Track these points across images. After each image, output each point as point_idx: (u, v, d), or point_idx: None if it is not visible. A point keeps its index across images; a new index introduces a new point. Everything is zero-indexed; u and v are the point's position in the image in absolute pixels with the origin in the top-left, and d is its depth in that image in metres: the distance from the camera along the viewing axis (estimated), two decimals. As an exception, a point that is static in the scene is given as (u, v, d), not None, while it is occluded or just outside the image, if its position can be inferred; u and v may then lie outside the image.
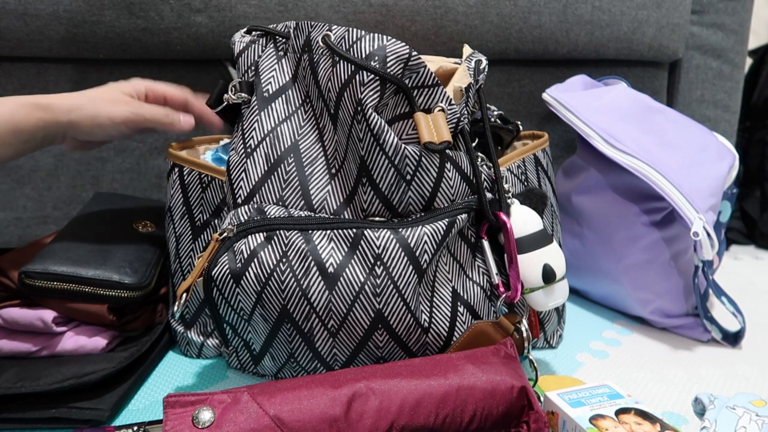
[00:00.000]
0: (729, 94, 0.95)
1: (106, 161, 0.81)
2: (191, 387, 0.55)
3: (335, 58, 0.50)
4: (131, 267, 0.56)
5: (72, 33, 0.73)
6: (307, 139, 0.53)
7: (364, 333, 0.49)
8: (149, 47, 0.74)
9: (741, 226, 1.12)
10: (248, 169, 0.52)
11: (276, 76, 0.55)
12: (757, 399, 0.49)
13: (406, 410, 0.40)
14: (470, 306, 0.52)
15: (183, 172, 0.58)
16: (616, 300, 0.73)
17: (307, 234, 0.49)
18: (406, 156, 0.49)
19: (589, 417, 0.44)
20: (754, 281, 0.89)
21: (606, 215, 0.70)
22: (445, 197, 0.51)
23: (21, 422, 0.47)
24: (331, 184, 0.52)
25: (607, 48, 0.83)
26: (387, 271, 0.48)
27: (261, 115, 0.54)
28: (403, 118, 0.52)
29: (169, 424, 0.38)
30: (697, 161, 0.66)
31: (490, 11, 0.77)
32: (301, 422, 0.38)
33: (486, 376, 0.43)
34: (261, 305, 0.48)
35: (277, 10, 0.73)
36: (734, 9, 0.91)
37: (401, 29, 0.76)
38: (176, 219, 0.59)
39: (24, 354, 0.54)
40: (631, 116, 0.69)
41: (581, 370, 0.59)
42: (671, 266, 0.66)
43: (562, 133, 0.89)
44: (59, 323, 0.54)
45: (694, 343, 0.67)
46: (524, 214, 0.53)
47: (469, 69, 0.55)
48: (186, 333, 0.60)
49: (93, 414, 0.47)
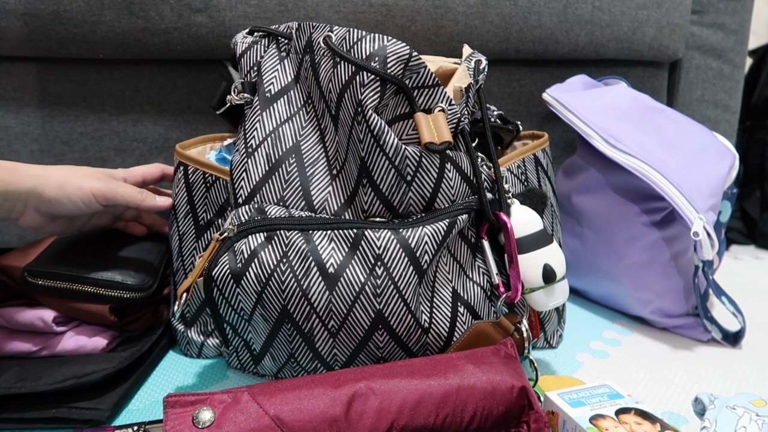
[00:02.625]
0: (729, 94, 0.95)
1: (106, 161, 0.81)
2: (191, 387, 0.55)
3: (336, 59, 0.50)
4: (134, 268, 0.56)
5: (72, 33, 0.73)
6: (308, 140, 0.53)
7: (364, 333, 0.49)
8: (149, 47, 0.74)
9: (741, 226, 1.12)
10: (249, 169, 0.52)
11: (278, 76, 0.55)
12: (757, 399, 0.49)
13: (406, 410, 0.40)
14: (470, 306, 0.52)
15: (188, 171, 0.58)
16: (616, 300, 0.73)
17: (307, 234, 0.49)
18: (406, 157, 0.49)
19: (589, 417, 0.44)
20: (754, 281, 0.89)
21: (606, 215, 0.70)
22: (445, 198, 0.51)
23: (21, 422, 0.47)
24: (332, 185, 0.52)
25: (607, 48, 0.83)
26: (387, 271, 0.48)
27: (263, 115, 0.54)
28: (404, 118, 0.52)
29: (169, 424, 0.38)
30: (698, 161, 0.66)
31: (490, 11, 0.77)
32: (301, 422, 0.38)
33: (486, 376, 0.43)
34: (261, 305, 0.48)
35: (277, 10, 0.73)
36: (734, 9, 0.91)
37: (401, 29, 0.76)
38: (180, 217, 0.59)
39: (24, 354, 0.54)
40: (631, 116, 0.69)
41: (581, 370, 0.59)
42: (671, 266, 0.66)
43: (562, 133, 0.89)
44: (59, 323, 0.54)
45: (694, 343, 0.67)
46: (524, 214, 0.53)
47: (469, 69, 0.55)
48: (186, 332, 0.60)
49: (93, 414, 0.47)
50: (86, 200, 0.50)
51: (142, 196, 0.54)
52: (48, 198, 0.49)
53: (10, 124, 0.79)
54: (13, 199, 0.48)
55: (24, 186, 0.48)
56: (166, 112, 0.81)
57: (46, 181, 0.49)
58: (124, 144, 0.81)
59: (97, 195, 0.51)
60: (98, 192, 0.51)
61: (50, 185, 0.49)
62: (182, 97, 0.80)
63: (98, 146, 0.81)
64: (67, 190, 0.49)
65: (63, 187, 0.49)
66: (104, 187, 0.51)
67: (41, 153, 0.80)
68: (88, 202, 0.51)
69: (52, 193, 0.49)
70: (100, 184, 0.51)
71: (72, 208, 0.50)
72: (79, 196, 0.50)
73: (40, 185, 0.48)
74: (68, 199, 0.49)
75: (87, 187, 0.50)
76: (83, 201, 0.50)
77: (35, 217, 0.51)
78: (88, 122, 0.80)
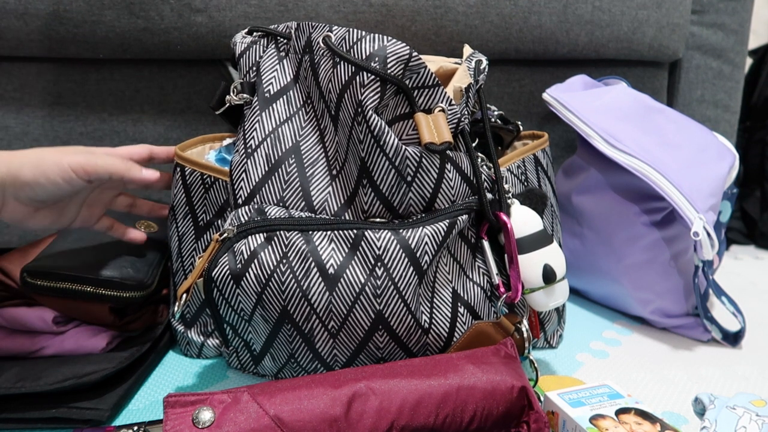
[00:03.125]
0: (729, 94, 0.95)
1: (106, 161, 0.81)
2: (191, 387, 0.55)
3: (336, 59, 0.50)
4: (133, 267, 0.56)
5: (72, 33, 0.73)
6: (308, 140, 0.53)
7: (364, 334, 0.49)
8: (149, 47, 0.74)
9: (741, 226, 1.12)
10: (249, 169, 0.52)
11: (277, 76, 0.55)
12: (757, 399, 0.49)
13: (406, 410, 0.40)
14: (470, 306, 0.52)
15: (185, 172, 0.58)
16: (616, 300, 0.73)
17: (307, 235, 0.49)
18: (406, 157, 0.49)
19: (589, 417, 0.44)
20: (754, 281, 0.89)
21: (606, 215, 0.70)
22: (445, 198, 0.51)
23: (21, 422, 0.47)
24: (332, 186, 0.52)
25: (607, 48, 0.83)
26: (387, 272, 0.48)
27: (262, 115, 0.54)
28: (404, 118, 0.52)
29: (169, 424, 0.38)
30: (698, 161, 0.66)
31: (490, 11, 0.77)
32: (301, 422, 0.38)
33: (486, 376, 0.43)
34: (261, 306, 0.48)
35: (277, 10, 0.73)
36: (734, 9, 0.91)
37: (401, 29, 0.76)
38: (179, 218, 0.59)
39: (24, 354, 0.54)
40: (631, 116, 0.69)
41: (581, 370, 0.59)
42: (671, 266, 0.66)
43: (562, 133, 0.89)
44: (59, 323, 0.54)
45: (694, 343, 0.67)
46: (524, 215, 0.53)
47: (470, 69, 0.55)
48: (186, 333, 0.60)
49: (93, 414, 0.47)
50: (65, 176, 0.47)
51: (126, 166, 0.50)
52: (25, 180, 0.45)
53: (10, 124, 0.79)
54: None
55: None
56: (166, 112, 0.81)
57: (21, 160, 0.45)
58: (124, 144, 0.81)
59: (75, 168, 0.47)
60: (77, 165, 0.47)
61: (26, 165, 0.45)
62: (182, 97, 0.80)
63: (98, 146, 0.81)
64: (44, 168, 0.46)
65: (39, 166, 0.46)
66: (83, 160, 0.47)
67: (41, 153, 0.80)
68: (68, 178, 0.47)
69: (28, 174, 0.45)
70: (79, 157, 0.47)
71: (52, 188, 0.47)
72: (57, 172, 0.46)
73: (15, 167, 0.45)
74: (46, 177, 0.46)
75: (65, 161, 0.46)
76: (62, 177, 0.47)
77: (16, 207, 0.47)
78: (88, 122, 0.80)
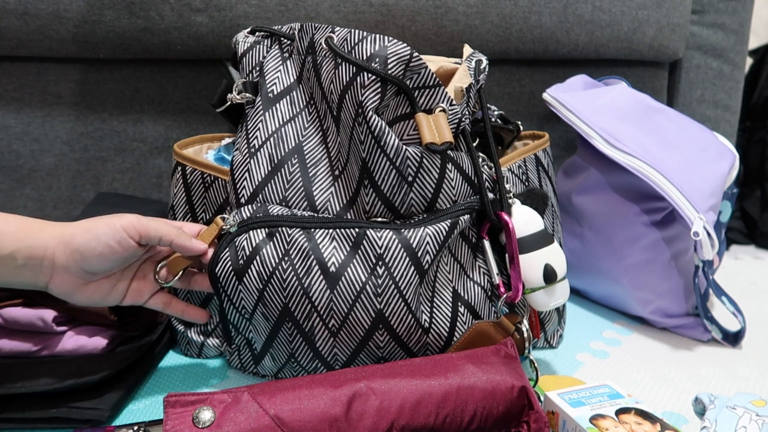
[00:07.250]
0: (729, 94, 0.95)
1: (106, 161, 0.81)
2: (191, 387, 0.55)
3: (337, 60, 0.50)
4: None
5: (72, 33, 0.73)
6: (311, 141, 0.53)
7: (364, 333, 0.49)
8: (149, 47, 0.74)
9: (741, 226, 1.12)
10: (252, 168, 0.52)
11: (281, 77, 0.55)
12: (757, 399, 0.49)
13: (407, 410, 0.40)
14: (471, 306, 0.52)
15: (186, 171, 0.58)
16: (616, 300, 0.73)
17: (309, 232, 0.49)
18: (407, 158, 0.49)
19: (589, 417, 0.44)
20: (754, 281, 0.89)
21: (606, 215, 0.70)
22: (447, 198, 0.51)
23: (21, 422, 0.47)
24: (334, 186, 0.52)
25: (608, 48, 0.83)
26: (388, 271, 0.48)
27: (265, 115, 0.54)
28: (405, 118, 0.52)
29: (169, 423, 0.38)
30: (698, 161, 0.66)
31: (490, 11, 0.77)
32: (301, 422, 0.38)
33: (486, 376, 0.43)
34: (263, 303, 0.48)
35: (277, 10, 0.73)
36: (734, 9, 0.91)
37: (402, 29, 0.76)
38: (179, 217, 0.59)
39: (24, 354, 0.54)
40: (631, 116, 0.69)
41: (581, 370, 0.59)
42: (671, 266, 0.66)
43: (562, 133, 0.89)
44: (59, 323, 0.54)
45: (694, 343, 0.67)
46: (525, 214, 0.53)
47: (470, 69, 0.55)
48: (186, 332, 0.60)
49: (93, 414, 0.47)
50: (117, 236, 0.45)
51: (177, 232, 0.49)
52: (77, 246, 0.44)
53: (10, 124, 0.79)
54: (38, 257, 0.44)
55: (48, 235, 0.44)
56: (166, 112, 0.81)
57: (73, 229, 0.45)
58: (124, 144, 0.81)
59: (127, 227, 0.46)
60: (128, 224, 0.46)
61: (77, 232, 0.45)
62: (182, 97, 0.80)
63: (98, 146, 0.81)
64: (96, 231, 0.45)
65: (90, 230, 0.45)
66: (135, 221, 0.47)
67: (41, 153, 0.80)
68: (120, 239, 0.46)
69: (80, 240, 0.44)
70: (131, 218, 0.47)
71: (104, 251, 0.45)
72: (110, 234, 0.45)
73: (67, 235, 0.44)
74: (98, 240, 0.45)
75: (117, 223, 0.46)
76: (114, 239, 0.45)
77: (66, 278, 0.46)
78: (88, 122, 0.80)
